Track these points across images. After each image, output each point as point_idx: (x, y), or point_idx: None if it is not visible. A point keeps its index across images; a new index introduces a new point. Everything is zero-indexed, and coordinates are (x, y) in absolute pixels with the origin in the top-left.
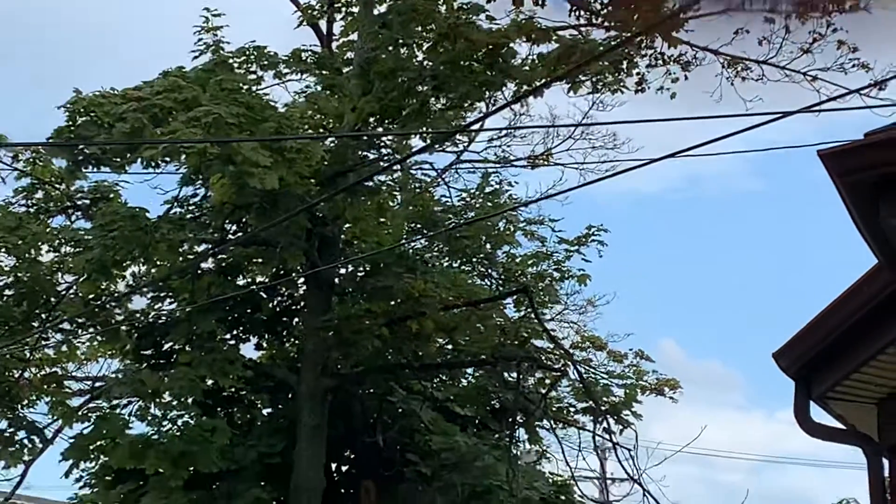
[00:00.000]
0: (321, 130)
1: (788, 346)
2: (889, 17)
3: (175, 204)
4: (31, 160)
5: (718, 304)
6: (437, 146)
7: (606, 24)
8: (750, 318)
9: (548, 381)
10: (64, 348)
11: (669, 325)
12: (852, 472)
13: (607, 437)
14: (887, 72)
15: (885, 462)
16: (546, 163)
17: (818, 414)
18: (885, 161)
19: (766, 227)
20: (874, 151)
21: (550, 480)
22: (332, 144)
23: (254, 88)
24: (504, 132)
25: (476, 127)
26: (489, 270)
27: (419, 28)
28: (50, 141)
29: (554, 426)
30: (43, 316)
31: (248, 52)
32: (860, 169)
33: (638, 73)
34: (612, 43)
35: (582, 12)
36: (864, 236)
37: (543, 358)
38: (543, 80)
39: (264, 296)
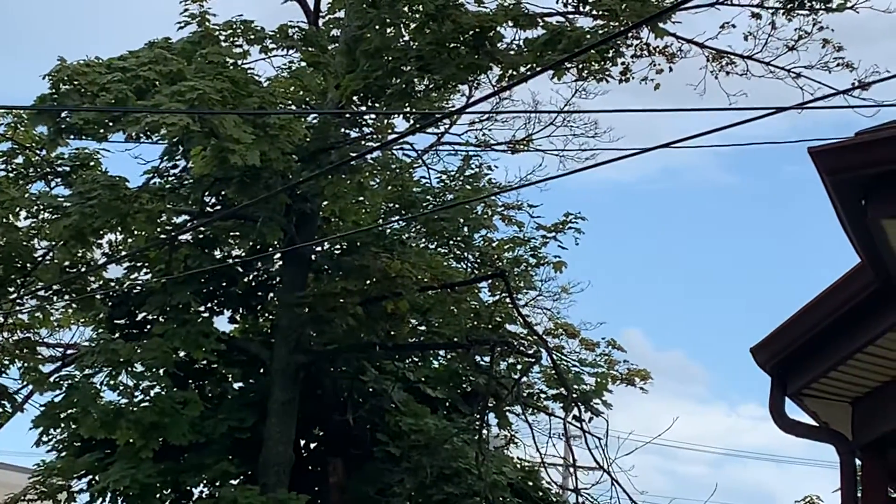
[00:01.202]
0: (304, 107)
1: (766, 342)
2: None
3: (155, 174)
4: (11, 125)
5: (685, 295)
6: (423, 129)
7: (594, 11)
8: (717, 311)
9: (520, 367)
10: (38, 314)
11: (635, 316)
12: (811, 469)
13: (577, 424)
14: (871, 71)
15: (858, 461)
16: (526, 148)
17: (791, 410)
18: (875, 160)
19: (737, 221)
20: (864, 150)
21: (518, 466)
22: (314, 121)
23: (239, 63)
24: (486, 116)
25: (457, 109)
26: (465, 253)
27: (406, 8)
28: (33, 106)
29: (524, 412)
30: (18, 281)
31: (234, 26)
32: (850, 168)
33: (623, 63)
34: (600, 32)
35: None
36: (849, 235)
37: (516, 343)
38: (529, 67)
39: (240, 269)
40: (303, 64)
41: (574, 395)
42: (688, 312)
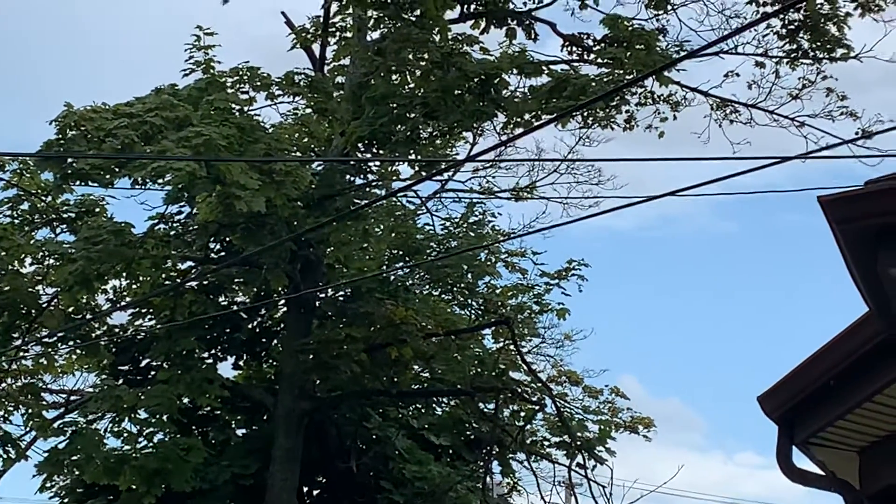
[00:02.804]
0: (310, 153)
1: (774, 390)
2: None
3: (160, 220)
4: (17, 171)
5: (681, 342)
6: (430, 178)
7: (599, 60)
8: (713, 358)
9: (524, 414)
10: (42, 360)
11: (630, 363)
12: None
13: (581, 472)
14: (875, 121)
15: None
16: (530, 196)
17: (798, 459)
18: (885, 210)
19: (732, 269)
20: (876, 199)
21: None
22: (319, 168)
23: (245, 109)
24: (490, 164)
25: (463, 158)
26: (469, 300)
27: (412, 56)
28: (39, 153)
29: (528, 459)
30: (23, 327)
31: (241, 72)
32: (860, 217)
33: (627, 111)
34: (605, 80)
35: (574, 47)
36: (858, 284)
37: (520, 390)
38: (534, 114)
39: (244, 316)
40: (308, 110)
41: (578, 443)
42: (683, 359)
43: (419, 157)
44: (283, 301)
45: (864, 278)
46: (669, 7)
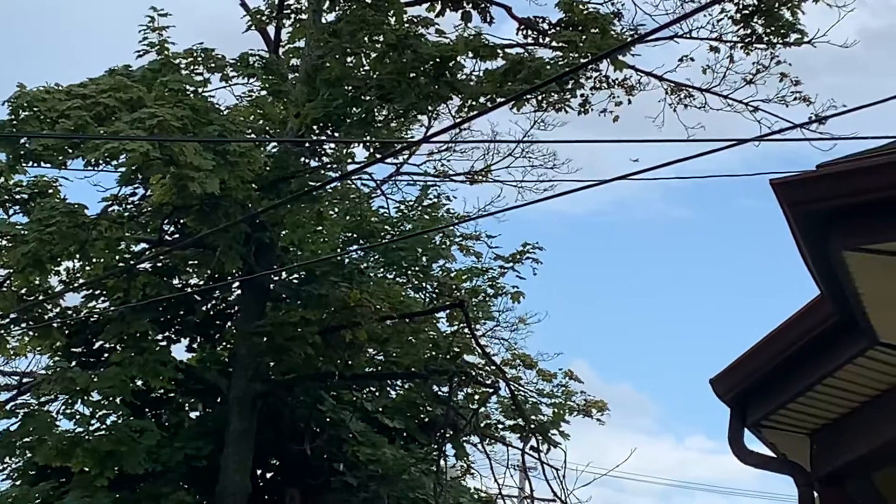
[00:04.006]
0: (264, 135)
1: (726, 373)
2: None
3: (114, 202)
4: None
5: (633, 328)
6: (383, 160)
7: (553, 43)
8: (665, 343)
9: (478, 397)
10: None
11: (582, 347)
12: (758, 501)
13: (534, 455)
14: (828, 105)
15: (816, 493)
16: (485, 179)
17: (750, 441)
18: (837, 193)
19: (686, 254)
20: (827, 183)
21: (476, 496)
22: (274, 150)
23: (199, 90)
24: (445, 146)
25: (418, 139)
26: (424, 283)
27: (367, 38)
28: None
29: (482, 442)
30: None
31: (195, 54)
32: (812, 200)
33: (582, 95)
34: (560, 63)
35: (529, 31)
36: (810, 267)
37: (474, 373)
38: (489, 97)
39: (198, 298)
40: (263, 92)
41: (532, 426)
42: (636, 345)
43: (373, 139)
44: (237, 283)
45: (816, 261)
46: None
